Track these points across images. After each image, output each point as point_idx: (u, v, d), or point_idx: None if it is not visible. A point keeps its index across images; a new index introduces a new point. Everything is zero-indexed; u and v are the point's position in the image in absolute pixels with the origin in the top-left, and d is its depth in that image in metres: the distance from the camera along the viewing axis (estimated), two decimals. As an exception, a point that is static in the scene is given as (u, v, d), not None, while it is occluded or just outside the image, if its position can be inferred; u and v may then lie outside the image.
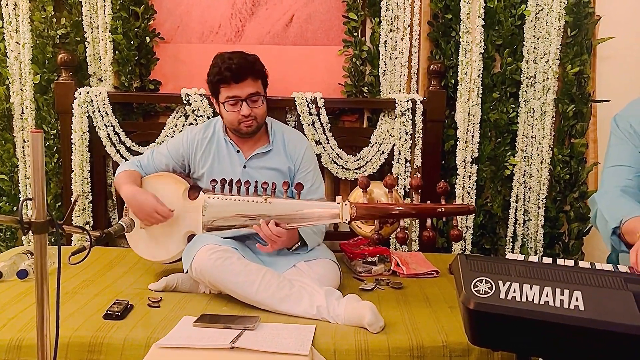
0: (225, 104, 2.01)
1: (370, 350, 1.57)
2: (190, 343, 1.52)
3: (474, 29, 2.43)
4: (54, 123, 2.58)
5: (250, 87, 2.00)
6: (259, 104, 2.03)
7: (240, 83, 1.98)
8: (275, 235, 1.82)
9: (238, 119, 2.01)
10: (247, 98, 2.00)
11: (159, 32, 2.60)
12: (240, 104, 2.00)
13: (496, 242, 2.62)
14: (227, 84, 1.98)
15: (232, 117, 2.02)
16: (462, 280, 1.04)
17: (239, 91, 1.99)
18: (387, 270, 2.22)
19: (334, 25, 2.60)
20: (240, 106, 2.00)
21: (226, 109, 2.01)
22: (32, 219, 1.12)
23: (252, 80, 2.00)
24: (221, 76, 1.98)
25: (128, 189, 2.01)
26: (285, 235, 1.85)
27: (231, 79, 1.97)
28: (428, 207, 1.75)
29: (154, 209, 1.96)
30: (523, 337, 1.03)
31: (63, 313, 1.70)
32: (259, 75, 2.03)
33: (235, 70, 1.97)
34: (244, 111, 1.99)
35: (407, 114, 2.47)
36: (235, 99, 1.99)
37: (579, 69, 2.45)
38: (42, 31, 2.54)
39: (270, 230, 1.82)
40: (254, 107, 2.02)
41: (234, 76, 1.97)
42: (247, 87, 1.99)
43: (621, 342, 0.96)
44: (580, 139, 2.50)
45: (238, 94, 1.99)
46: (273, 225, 1.82)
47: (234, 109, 2.00)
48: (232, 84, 1.98)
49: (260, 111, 2.05)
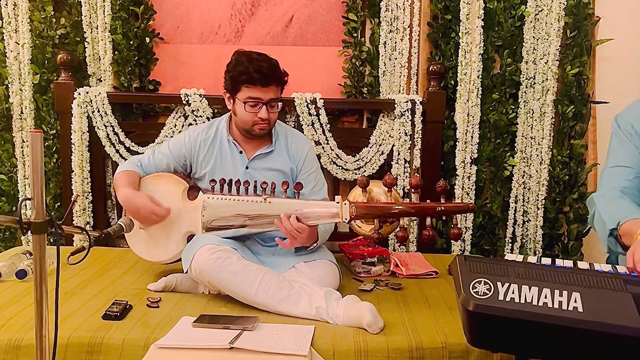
0: (246, 105, 1.99)
1: (370, 351, 1.57)
2: (189, 343, 1.52)
3: (473, 30, 2.43)
4: (54, 123, 2.58)
5: (273, 92, 1.99)
6: (276, 109, 2.03)
7: (266, 87, 1.97)
8: (295, 231, 1.81)
9: (254, 120, 2.00)
10: (267, 102, 1.99)
11: (158, 32, 2.61)
12: (260, 107, 1.99)
13: (495, 243, 2.62)
14: (252, 85, 1.96)
15: (248, 117, 2.00)
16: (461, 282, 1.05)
17: (263, 94, 1.97)
18: (386, 271, 2.22)
19: (334, 26, 2.60)
20: (259, 109, 1.99)
21: (245, 109, 1.99)
22: (31, 219, 1.12)
23: (276, 86, 2.00)
24: (249, 76, 1.95)
25: (124, 192, 1.99)
26: (306, 232, 1.83)
27: (259, 82, 1.95)
28: (427, 206, 1.75)
29: (150, 211, 1.95)
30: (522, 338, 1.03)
31: (62, 313, 1.69)
32: (282, 83, 2.03)
33: (265, 74, 1.95)
34: (262, 114, 1.98)
35: (406, 115, 2.47)
36: (256, 101, 1.98)
37: (579, 70, 2.45)
38: (42, 31, 2.54)
39: (292, 224, 1.81)
40: (271, 112, 2.01)
41: (263, 79, 1.95)
42: (270, 92, 1.98)
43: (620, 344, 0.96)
44: (579, 140, 2.50)
45: (261, 97, 1.97)
46: (294, 220, 1.81)
47: (252, 110, 1.99)
48: (259, 86, 1.96)
49: (275, 116, 2.05)
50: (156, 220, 1.97)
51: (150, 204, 1.96)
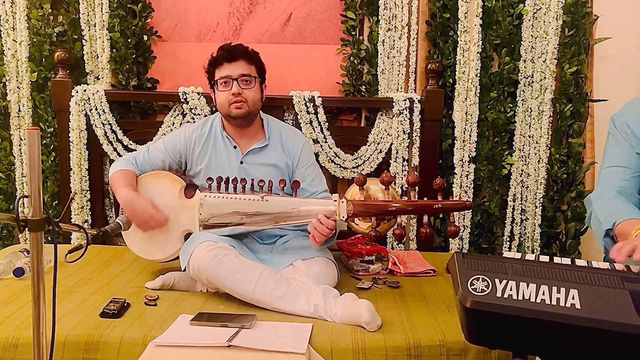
0: (218, 86, 2.04)
1: (367, 349, 1.57)
2: (187, 341, 1.52)
3: (471, 29, 2.43)
4: (51, 121, 2.58)
5: (243, 68, 2.04)
6: (251, 86, 2.05)
7: (232, 63, 2.03)
8: (328, 229, 1.82)
9: (229, 99, 2.03)
10: (237, 78, 2.03)
11: (156, 30, 2.60)
12: (231, 84, 2.02)
13: (493, 242, 2.62)
14: (220, 64, 2.04)
15: (223, 97, 2.04)
16: (458, 279, 1.05)
17: (231, 70, 2.03)
18: (384, 269, 2.22)
19: (332, 24, 2.60)
20: (231, 85, 2.02)
21: (219, 89, 2.05)
22: (28, 217, 1.11)
23: (246, 63, 2.05)
24: (216, 58, 2.05)
25: (124, 194, 1.97)
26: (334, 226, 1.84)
27: (224, 59, 2.03)
28: (425, 204, 1.75)
29: (150, 216, 1.94)
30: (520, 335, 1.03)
31: (59, 311, 1.69)
32: (253, 60, 2.08)
33: (228, 49, 2.04)
34: (233, 89, 2.02)
35: (404, 113, 2.47)
36: (226, 78, 2.03)
37: (577, 69, 2.45)
38: (39, 29, 2.53)
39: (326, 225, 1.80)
40: (246, 89, 2.03)
41: (227, 56, 2.03)
42: (239, 68, 2.03)
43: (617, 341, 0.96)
44: (577, 139, 2.51)
45: (229, 73, 2.03)
46: (325, 219, 1.81)
47: (225, 88, 2.04)
48: (225, 63, 2.03)
49: (253, 94, 2.05)
50: (153, 226, 1.96)
51: (151, 208, 1.95)
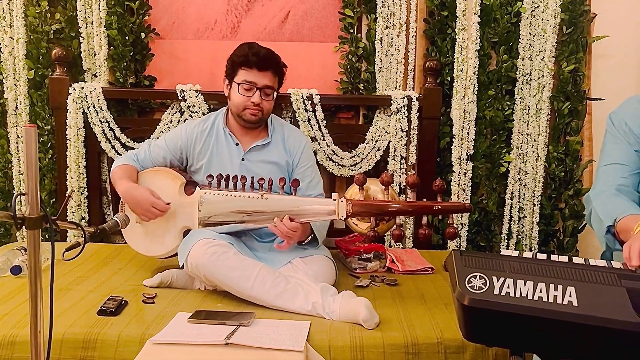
0: (240, 87, 2.01)
1: (365, 347, 1.58)
2: (185, 339, 1.51)
3: (469, 26, 2.43)
4: (49, 119, 2.57)
5: (269, 79, 2.02)
6: (270, 98, 2.05)
7: (262, 72, 2.00)
8: (291, 231, 1.82)
9: (246, 105, 2.02)
10: (262, 88, 2.01)
11: (154, 27, 2.59)
12: (253, 91, 2.00)
13: (491, 239, 2.62)
14: (249, 67, 2.00)
15: (241, 100, 2.02)
16: (456, 277, 1.05)
17: (258, 78, 2.00)
18: (382, 267, 2.22)
19: (330, 22, 2.59)
20: (253, 93, 2.00)
21: (239, 91, 2.02)
22: (25, 215, 1.11)
23: (272, 75, 2.03)
24: (246, 58, 2.00)
25: (124, 185, 2.00)
26: (300, 230, 1.85)
27: (255, 65, 1.99)
28: (424, 205, 1.75)
29: (151, 203, 1.95)
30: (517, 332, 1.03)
31: (57, 309, 1.69)
32: (280, 72, 2.07)
33: (262, 57, 2.00)
34: (255, 99, 2.00)
35: (402, 111, 2.47)
36: (251, 85, 2.00)
37: (575, 67, 2.46)
38: (37, 26, 2.52)
39: (286, 226, 1.82)
40: (265, 100, 2.03)
41: (259, 62, 1.99)
42: (266, 78, 2.01)
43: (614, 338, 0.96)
44: (575, 137, 2.51)
45: (256, 80, 2.00)
46: (287, 221, 1.82)
47: (246, 93, 2.01)
48: (255, 69, 2.00)
49: (269, 105, 2.06)
50: (156, 214, 1.97)
51: (151, 197, 1.96)
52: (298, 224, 1.83)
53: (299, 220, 1.83)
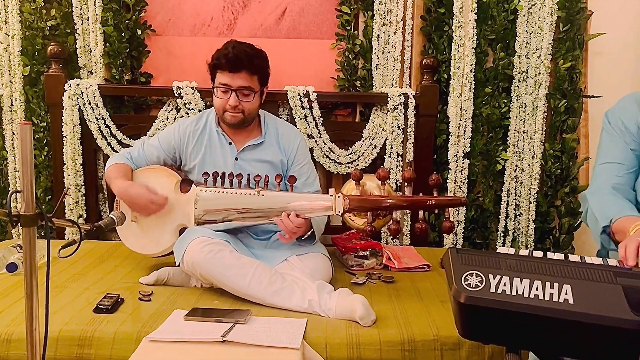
0: (217, 90, 2.01)
1: (362, 344, 1.58)
2: (181, 337, 1.51)
3: (466, 24, 2.43)
4: (44, 116, 2.56)
5: (243, 80, 1.98)
6: (250, 98, 2.02)
7: (233, 73, 1.97)
8: (296, 227, 1.82)
9: (224, 107, 2.01)
10: (237, 89, 1.99)
11: (150, 24, 2.58)
12: (229, 94, 1.99)
13: (487, 237, 2.63)
14: (222, 70, 1.99)
15: (219, 103, 2.03)
16: (452, 274, 1.05)
17: (231, 81, 1.98)
18: (378, 264, 2.22)
19: (327, 19, 2.59)
20: (229, 95, 1.99)
21: (217, 94, 2.02)
22: (21, 212, 1.11)
23: (247, 74, 1.99)
24: (219, 62, 1.98)
25: (119, 184, 1.99)
26: (304, 226, 1.86)
27: (226, 67, 1.97)
28: (420, 199, 1.75)
29: (148, 199, 1.95)
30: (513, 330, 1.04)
31: (53, 307, 1.68)
32: (256, 71, 2.01)
33: (231, 59, 1.96)
34: (231, 101, 1.99)
35: (399, 109, 2.47)
36: (226, 87, 1.99)
37: (571, 64, 2.46)
38: (32, 22, 2.51)
39: (292, 222, 1.81)
40: (243, 101, 2.01)
41: (230, 65, 1.97)
42: (239, 79, 1.98)
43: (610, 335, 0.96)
44: (571, 134, 2.51)
45: (229, 83, 1.99)
46: (294, 217, 1.82)
47: (223, 96, 2.01)
48: (227, 72, 1.98)
49: (250, 106, 2.03)
50: (154, 209, 1.96)
51: (147, 192, 1.96)
52: (302, 220, 1.83)
53: (304, 216, 1.83)
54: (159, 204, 1.96)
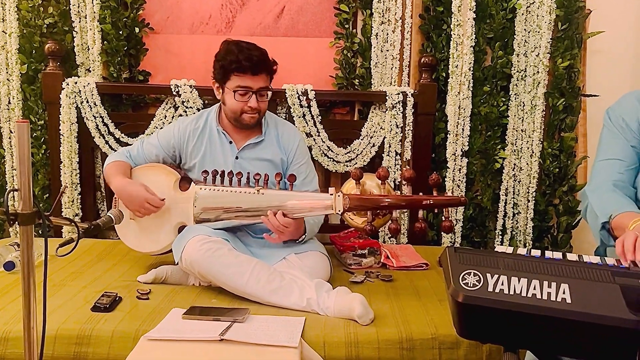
0: (235, 93, 1.98)
1: (360, 343, 1.58)
2: (179, 335, 1.51)
3: (465, 22, 2.43)
4: (42, 114, 2.55)
5: (263, 81, 2.00)
6: (265, 98, 2.04)
7: (256, 76, 1.97)
8: (282, 226, 1.82)
9: (243, 109, 2.00)
10: (257, 91, 1.99)
11: (148, 22, 2.58)
12: (249, 96, 1.98)
13: (485, 235, 2.63)
14: (243, 73, 1.96)
15: (237, 106, 2.00)
16: (450, 273, 1.05)
17: (253, 83, 1.97)
18: (377, 263, 2.22)
19: (326, 17, 2.58)
20: (249, 97, 1.98)
21: (235, 97, 1.99)
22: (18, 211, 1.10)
23: (266, 75, 2.00)
24: (239, 65, 1.95)
25: (118, 181, 1.99)
26: (292, 226, 1.85)
27: (249, 70, 1.95)
28: (420, 199, 1.75)
29: (145, 199, 1.94)
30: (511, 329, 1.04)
31: (50, 305, 1.68)
32: (271, 72, 2.04)
33: (255, 62, 1.95)
34: (252, 103, 1.98)
35: (398, 107, 2.47)
36: (246, 90, 1.98)
37: (569, 63, 2.46)
38: (30, 20, 2.50)
39: (278, 221, 1.81)
40: (261, 101, 2.01)
41: (253, 68, 1.95)
42: (260, 81, 1.98)
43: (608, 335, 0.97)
44: (569, 133, 2.51)
45: (251, 85, 1.97)
46: (281, 216, 1.82)
47: (242, 99, 1.99)
48: (249, 74, 1.96)
49: (265, 106, 2.05)
50: (150, 210, 1.96)
51: (146, 192, 1.95)
52: (290, 220, 1.83)
53: (292, 216, 1.83)
54: (155, 204, 1.96)
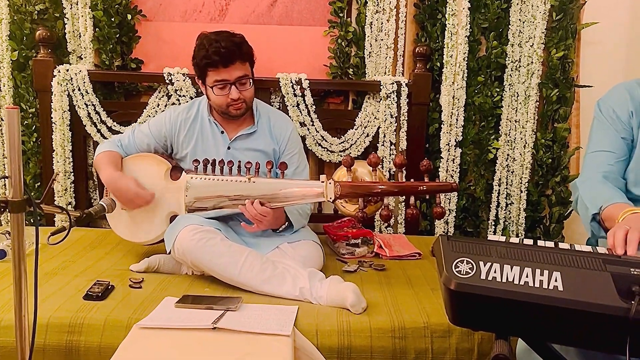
0: (214, 88, 1.97)
1: (352, 331, 1.58)
2: (172, 324, 1.51)
3: (460, 12, 2.42)
4: (33, 101, 2.53)
5: (239, 70, 1.95)
6: (247, 86, 2.00)
7: (229, 67, 1.93)
8: (260, 215, 1.82)
9: (227, 102, 1.98)
10: (235, 81, 1.96)
11: (140, 9, 2.55)
12: (229, 88, 1.96)
13: (478, 225, 2.64)
14: (215, 67, 1.93)
15: (220, 100, 1.98)
16: (443, 261, 1.05)
17: (228, 75, 1.94)
18: (370, 252, 2.23)
19: (320, 6, 2.56)
20: (229, 90, 1.96)
21: (215, 92, 1.97)
22: (9, 198, 1.09)
23: (241, 63, 1.96)
24: (209, 60, 1.92)
25: (108, 174, 1.98)
26: (270, 215, 1.84)
27: (220, 63, 1.92)
28: (411, 185, 1.75)
29: (135, 193, 1.93)
30: (503, 317, 1.04)
31: (42, 294, 1.68)
32: (247, 58, 1.98)
33: (224, 54, 1.91)
34: (233, 95, 1.96)
35: (392, 97, 2.46)
36: (223, 83, 1.95)
37: (564, 54, 2.46)
38: (20, 7, 2.47)
39: (255, 209, 1.81)
40: (243, 90, 1.98)
41: (223, 60, 1.91)
42: (235, 71, 1.95)
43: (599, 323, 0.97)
44: (563, 124, 2.52)
45: (226, 77, 1.94)
46: (258, 205, 1.82)
47: (222, 92, 1.97)
48: (221, 67, 1.93)
49: (249, 94, 2.02)
50: (139, 204, 1.95)
51: (135, 186, 1.94)
52: (268, 209, 1.83)
53: (269, 206, 1.83)
54: (145, 199, 1.95)
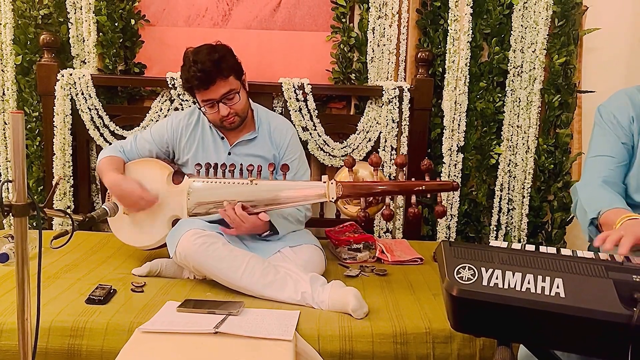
0: (204, 107, 1.99)
1: (354, 336, 1.58)
2: (174, 328, 1.51)
3: (462, 18, 2.42)
4: (36, 105, 2.54)
5: (222, 87, 1.94)
6: (236, 100, 1.99)
7: (210, 88, 1.93)
8: (239, 219, 1.83)
9: (219, 118, 2.00)
10: (221, 99, 1.96)
11: (144, 14, 2.56)
12: (217, 106, 1.97)
13: (480, 231, 2.64)
14: (197, 90, 1.94)
15: (212, 117, 2.01)
16: (445, 267, 1.05)
17: (212, 94, 1.94)
18: (371, 257, 2.23)
19: (322, 11, 2.57)
20: (217, 108, 1.97)
21: (206, 110, 2.00)
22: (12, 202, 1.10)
23: (222, 81, 1.93)
24: (190, 84, 1.94)
25: (111, 177, 1.98)
26: (249, 221, 1.85)
27: (200, 86, 1.92)
28: (412, 184, 1.75)
29: (139, 196, 1.94)
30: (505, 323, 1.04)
31: (45, 298, 1.68)
32: (228, 72, 1.95)
33: (201, 77, 1.90)
34: (222, 112, 1.97)
35: (394, 102, 2.47)
36: (210, 102, 1.97)
37: (566, 60, 2.46)
38: (24, 11, 2.48)
39: (236, 213, 1.83)
40: (232, 105, 1.98)
41: (202, 83, 1.91)
42: (219, 89, 1.94)
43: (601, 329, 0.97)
44: (565, 129, 2.52)
45: (212, 97, 1.95)
46: (239, 208, 1.83)
47: (212, 110, 1.98)
48: (202, 90, 1.93)
49: (239, 106, 2.01)
50: (143, 207, 1.96)
51: (139, 189, 1.95)
52: (246, 214, 1.84)
53: (251, 211, 1.84)
54: (149, 201, 1.96)
